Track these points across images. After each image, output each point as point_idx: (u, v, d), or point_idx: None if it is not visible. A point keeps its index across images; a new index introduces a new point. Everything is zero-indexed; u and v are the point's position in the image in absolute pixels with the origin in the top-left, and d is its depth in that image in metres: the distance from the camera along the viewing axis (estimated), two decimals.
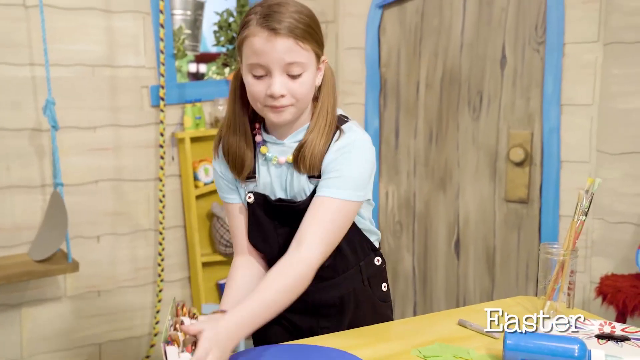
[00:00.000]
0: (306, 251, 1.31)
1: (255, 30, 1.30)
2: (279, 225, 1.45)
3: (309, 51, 1.33)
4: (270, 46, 1.29)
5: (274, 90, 1.31)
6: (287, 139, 1.42)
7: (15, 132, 2.58)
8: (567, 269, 1.48)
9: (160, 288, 2.93)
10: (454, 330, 1.46)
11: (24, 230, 2.62)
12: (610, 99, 2.45)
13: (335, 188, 1.35)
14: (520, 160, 2.67)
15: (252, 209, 1.46)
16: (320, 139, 1.38)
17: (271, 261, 1.47)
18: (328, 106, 1.41)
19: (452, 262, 2.95)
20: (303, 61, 1.32)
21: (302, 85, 1.34)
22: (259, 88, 1.33)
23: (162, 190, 2.89)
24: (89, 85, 2.73)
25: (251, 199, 1.45)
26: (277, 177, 1.43)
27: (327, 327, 1.47)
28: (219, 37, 3.23)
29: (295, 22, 1.30)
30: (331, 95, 1.43)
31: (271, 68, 1.31)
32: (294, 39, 1.30)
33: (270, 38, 1.29)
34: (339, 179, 1.35)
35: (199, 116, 3.00)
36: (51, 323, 2.73)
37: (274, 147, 1.43)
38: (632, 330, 1.38)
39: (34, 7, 2.54)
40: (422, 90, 2.97)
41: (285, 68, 1.31)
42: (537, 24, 2.61)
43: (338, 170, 1.36)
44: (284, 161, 1.41)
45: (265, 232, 1.46)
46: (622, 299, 2.18)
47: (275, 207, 1.44)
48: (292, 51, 1.30)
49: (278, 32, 1.29)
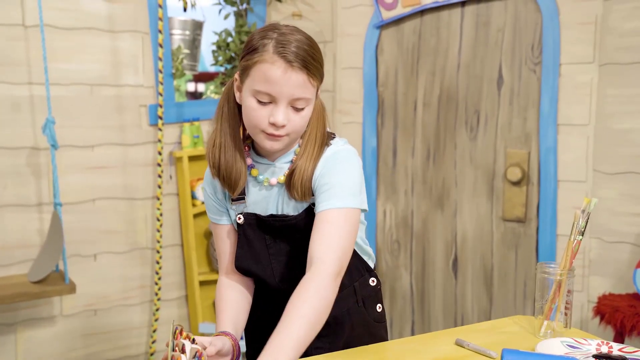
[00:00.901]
0: (321, 269, 1.27)
1: (271, 57, 1.30)
2: (271, 242, 1.45)
3: (314, 87, 1.36)
4: (286, 79, 1.30)
5: (277, 120, 1.32)
6: (277, 160, 1.43)
7: (12, 150, 2.58)
8: (564, 289, 1.48)
9: (157, 307, 2.92)
10: (452, 350, 1.45)
11: (18, 250, 2.61)
12: (606, 119, 2.46)
13: (332, 199, 1.34)
14: (518, 179, 2.67)
15: (242, 230, 1.46)
16: (309, 165, 1.38)
17: (264, 282, 1.48)
18: (317, 133, 1.42)
19: (449, 281, 2.95)
20: (309, 97, 1.35)
21: (302, 119, 1.36)
22: (261, 114, 1.33)
23: (159, 208, 2.89)
24: (88, 105, 2.74)
25: (241, 219, 1.45)
26: (269, 197, 1.44)
27: (321, 347, 1.46)
28: (217, 56, 3.25)
29: (309, 58, 1.32)
30: (321, 122, 1.44)
31: (278, 100, 1.32)
32: (307, 74, 1.32)
33: (287, 70, 1.30)
34: (332, 190, 1.34)
35: (197, 135, 3.01)
36: (47, 343, 2.72)
37: (265, 168, 1.44)
38: (630, 350, 1.38)
39: (33, 27, 2.56)
40: (419, 110, 2.99)
41: (292, 101, 1.33)
42: (533, 44, 2.63)
43: (328, 183, 1.36)
44: (276, 182, 1.42)
45: (257, 252, 1.46)
46: (620, 318, 2.17)
47: (267, 223, 1.44)
48: (303, 87, 1.32)
49: (294, 65, 1.30)
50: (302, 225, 1.40)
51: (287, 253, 1.45)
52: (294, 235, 1.42)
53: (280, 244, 1.44)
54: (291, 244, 1.44)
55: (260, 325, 1.54)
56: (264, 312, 1.53)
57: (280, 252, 1.45)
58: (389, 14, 2.98)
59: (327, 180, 1.36)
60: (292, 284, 1.38)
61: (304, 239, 1.37)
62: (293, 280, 1.40)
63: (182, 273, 3.07)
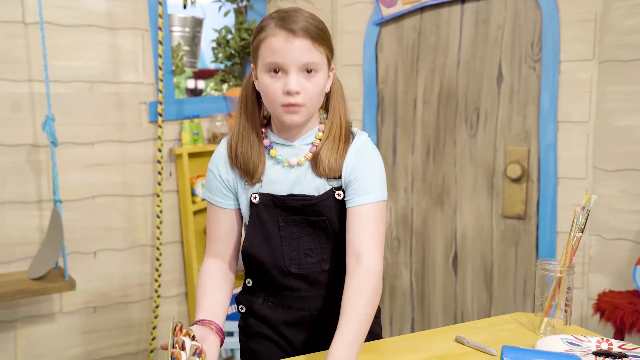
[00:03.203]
0: (368, 263, 1.35)
1: (273, 31, 1.35)
2: (284, 225, 1.45)
3: (322, 53, 1.39)
4: (289, 46, 1.34)
5: (290, 87, 1.35)
6: (297, 141, 1.45)
7: (12, 147, 2.58)
8: (563, 286, 1.48)
9: (157, 304, 2.93)
10: (452, 347, 1.46)
11: (19, 247, 2.61)
12: (606, 117, 2.46)
13: (366, 194, 1.40)
14: (517, 176, 2.67)
15: (255, 210, 1.45)
16: (337, 146, 1.43)
17: (270, 265, 1.47)
18: (340, 114, 1.47)
19: (449, 278, 2.95)
20: (317, 62, 1.37)
21: (316, 85, 1.38)
22: (275, 86, 1.36)
23: (159, 205, 2.89)
24: (88, 102, 2.74)
25: (257, 199, 1.45)
26: (288, 177, 1.44)
27: (324, 341, 1.46)
28: (217, 53, 3.25)
29: (310, 26, 1.36)
30: (341, 103, 1.49)
31: (288, 67, 1.35)
32: (311, 39, 1.36)
33: (289, 38, 1.34)
34: (366, 184, 1.41)
35: (196, 132, 3.01)
36: (47, 340, 2.72)
37: (284, 149, 1.46)
38: (630, 347, 1.38)
39: (33, 24, 2.56)
40: (419, 107, 2.99)
41: (301, 67, 1.36)
42: (533, 41, 2.63)
43: (363, 176, 1.41)
44: (296, 163, 1.44)
45: (269, 233, 1.46)
46: (620, 315, 2.18)
47: (285, 203, 1.43)
48: (308, 51, 1.35)
49: (296, 32, 1.34)
50: (322, 207, 1.43)
51: (298, 237, 1.45)
52: (310, 218, 1.43)
53: (293, 227, 1.45)
54: (303, 228, 1.45)
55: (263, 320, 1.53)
56: (266, 305, 1.52)
57: (292, 235, 1.45)
58: (389, 11, 2.98)
59: (361, 173, 1.42)
60: (299, 268, 1.43)
61: (319, 223, 1.43)
62: (301, 264, 1.44)
63: (182, 270, 3.08)
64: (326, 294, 1.48)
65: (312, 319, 1.49)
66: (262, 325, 1.52)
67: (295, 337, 1.51)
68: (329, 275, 1.47)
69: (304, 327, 1.50)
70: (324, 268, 1.46)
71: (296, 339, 1.51)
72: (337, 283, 1.46)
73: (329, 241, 1.46)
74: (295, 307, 1.49)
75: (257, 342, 1.54)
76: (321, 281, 1.47)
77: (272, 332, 1.52)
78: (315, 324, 1.50)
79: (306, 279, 1.47)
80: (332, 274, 1.47)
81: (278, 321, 1.50)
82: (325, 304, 1.48)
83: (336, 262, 1.46)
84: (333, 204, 1.43)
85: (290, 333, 1.51)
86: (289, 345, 1.52)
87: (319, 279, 1.46)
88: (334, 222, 1.44)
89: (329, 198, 1.43)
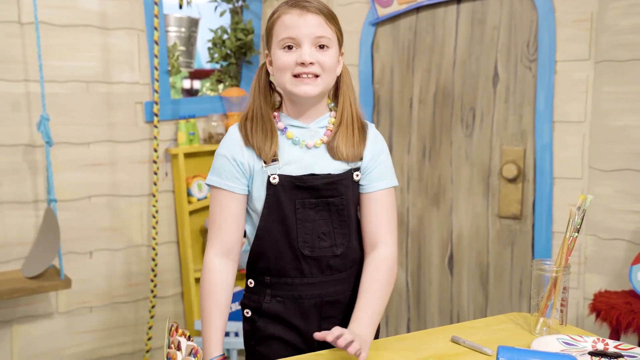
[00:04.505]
0: (385, 248, 1.50)
1: (287, 9, 1.45)
2: (300, 207, 1.47)
3: (333, 32, 1.47)
4: (302, 20, 1.43)
5: (305, 57, 1.42)
6: (312, 123, 1.51)
7: (8, 147, 2.58)
8: (559, 286, 1.49)
9: (153, 304, 2.92)
10: (448, 347, 1.46)
11: (15, 247, 2.61)
12: (602, 116, 2.46)
13: (385, 179, 1.52)
14: (513, 176, 2.68)
15: (273, 191, 1.47)
16: (352, 132, 1.50)
17: (284, 247, 1.48)
18: (350, 100, 1.53)
19: (445, 278, 2.95)
20: (330, 37, 1.46)
21: (330, 57, 1.46)
22: (289, 58, 1.43)
23: (155, 205, 2.89)
24: (83, 102, 2.73)
25: (276, 179, 1.47)
26: (306, 158, 1.49)
27: (329, 329, 1.47)
28: (213, 53, 3.24)
29: (323, 7, 1.46)
30: (350, 90, 1.55)
31: (301, 40, 1.43)
32: (323, 16, 1.45)
33: (302, 13, 1.43)
34: (384, 169, 1.53)
35: (192, 132, 3.01)
36: (43, 340, 2.72)
37: (300, 131, 1.51)
38: (626, 347, 1.39)
39: (29, 24, 2.55)
40: (415, 107, 2.99)
41: (315, 41, 1.43)
42: (528, 41, 2.63)
43: (381, 162, 1.53)
44: (312, 145, 1.49)
45: (285, 214, 1.47)
46: (616, 315, 2.18)
47: (305, 183, 1.47)
48: (321, 26, 1.44)
49: (309, 9, 1.43)
50: (341, 186, 1.48)
51: (313, 221, 1.48)
52: (328, 199, 1.48)
53: (309, 210, 1.48)
54: (318, 212, 1.48)
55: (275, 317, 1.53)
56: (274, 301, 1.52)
57: (308, 218, 1.48)
58: (385, 11, 2.98)
59: (379, 160, 1.52)
60: (312, 251, 1.47)
61: (335, 204, 1.48)
62: (314, 248, 1.48)
63: (178, 270, 3.07)
64: (335, 280, 1.51)
65: (322, 306, 1.51)
66: (274, 325, 1.53)
67: (307, 328, 1.52)
68: (339, 261, 1.51)
69: (315, 317, 1.52)
70: (335, 253, 1.50)
71: (308, 330, 1.51)
72: (346, 270, 1.51)
73: (341, 226, 1.50)
74: (305, 296, 1.50)
75: (266, 345, 1.54)
76: (332, 266, 1.50)
77: (284, 330, 1.52)
78: (327, 311, 1.52)
79: (318, 263, 1.49)
80: (342, 259, 1.51)
81: (290, 314, 1.51)
82: (334, 289, 1.51)
83: (347, 248, 1.51)
84: (350, 184, 1.50)
85: (303, 325, 1.52)
86: (302, 339, 1.53)
87: (330, 263, 1.50)
88: (349, 203, 1.50)
89: (347, 178, 1.49)
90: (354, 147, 1.49)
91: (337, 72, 1.52)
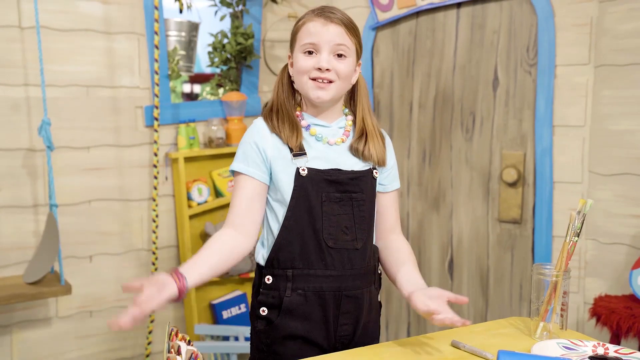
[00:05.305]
0: (401, 235, 1.71)
1: (312, 17, 1.55)
2: (326, 200, 1.54)
3: (353, 43, 1.57)
4: (325, 29, 1.53)
5: (322, 63, 1.52)
6: (333, 123, 1.62)
7: (8, 152, 2.58)
8: (559, 290, 1.49)
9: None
10: (448, 351, 1.46)
11: (14, 251, 2.60)
12: (602, 121, 2.47)
13: (396, 181, 1.70)
14: (513, 180, 2.68)
15: (301, 183, 1.53)
16: (379, 139, 1.63)
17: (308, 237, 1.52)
18: (367, 108, 1.65)
19: (445, 283, 2.95)
20: (349, 46, 1.56)
21: (346, 65, 1.56)
22: (308, 62, 1.54)
23: (155, 210, 2.89)
24: (84, 106, 2.74)
25: (305, 171, 1.53)
26: (329, 154, 1.58)
27: (346, 323, 1.57)
28: (213, 58, 3.24)
29: (345, 18, 1.56)
30: (365, 98, 1.66)
31: (321, 47, 1.53)
32: (345, 27, 1.55)
33: (326, 23, 1.54)
34: (395, 172, 1.70)
35: (192, 136, 3.01)
36: (42, 344, 2.71)
37: (322, 129, 1.61)
38: (626, 351, 1.38)
39: (29, 29, 2.56)
40: (415, 111, 2.99)
41: (334, 49, 1.54)
42: (528, 46, 2.64)
43: (394, 166, 1.69)
44: (334, 142, 1.60)
45: (312, 205, 1.53)
46: (616, 320, 2.17)
47: (332, 177, 1.55)
48: (341, 35, 1.54)
49: (332, 19, 1.54)
50: (362, 182, 1.58)
51: (337, 214, 1.55)
52: (352, 194, 1.56)
53: (334, 204, 1.55)
54: (342, 207, 1.56)
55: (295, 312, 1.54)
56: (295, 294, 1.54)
57: (332, 211, 1.54)
58: (385, 16, 2.98)
59: (393, 162, 1.69)
60: (336, 243, 1.53)
61: (357, 199, 1.57)
62: (337, 240, 1.54)
63: None
64: (354, 275, 1.56)
65: (341, 299, 1.55)
66: (293, 321, 1.54)
67: (326, 321, 1.55)
68: (359, 255, 1.56)
69: (333, 311, 1.55)
70: (356, 246, 1.56)
71: (327, 323, 1.55)
72: (363, 266, 1.58)
73: (361, 221, 1.58)
74: (327, 288, 1.54)
75: (284, 344, 1.54)
76: (352, 259, 1.55)
77: (304, 326, 1.54)
78: (345, 305, 1.55)
79: (340, 255, 1.54)
80: (361, 254, 1.57)
81: (311, 308, 1.53)
82: (353, 283, 1.56)
83: (365, 243, 1.58)
84: (370, 180, 1.60)
85: (323, 318, 1.54)
86: (323, 334, 1.55)
87: (350, 256, 1.55)
88: (367, 198, 1.59)
89: (368, 175, 1.60)
90: (383, 154, 1.63)
91: (352, 81, 1.61)
